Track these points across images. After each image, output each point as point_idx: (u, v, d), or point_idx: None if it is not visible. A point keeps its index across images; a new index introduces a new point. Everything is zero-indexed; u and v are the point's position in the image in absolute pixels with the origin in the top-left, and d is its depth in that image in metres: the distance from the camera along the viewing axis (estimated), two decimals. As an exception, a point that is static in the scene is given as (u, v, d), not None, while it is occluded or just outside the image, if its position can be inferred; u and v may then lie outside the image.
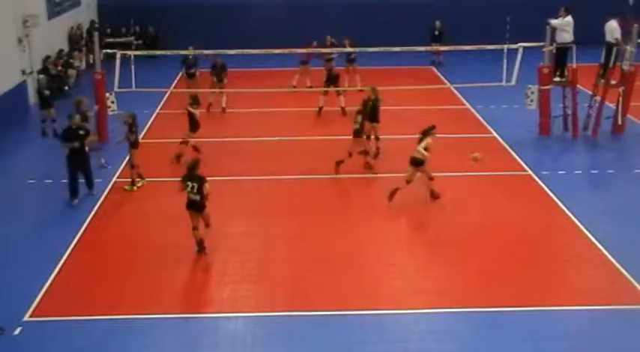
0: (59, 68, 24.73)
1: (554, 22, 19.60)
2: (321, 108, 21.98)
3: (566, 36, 19.65)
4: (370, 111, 17.99)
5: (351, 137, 17.25)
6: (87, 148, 15.72)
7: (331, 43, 24.44)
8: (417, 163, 15.40)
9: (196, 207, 13.01)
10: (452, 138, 19.87)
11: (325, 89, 22.13)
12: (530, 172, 17.30)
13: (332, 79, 22.09)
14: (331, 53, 23.50)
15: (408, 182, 15.45)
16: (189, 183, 12.96)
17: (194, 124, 17.94)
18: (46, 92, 20.37)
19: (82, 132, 15.60)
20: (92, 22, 30.90)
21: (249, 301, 11.83)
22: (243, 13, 31.35)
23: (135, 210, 15.45)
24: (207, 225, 13.27)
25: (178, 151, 17.88)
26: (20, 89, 22.66)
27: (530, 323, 11.13)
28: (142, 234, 14.08)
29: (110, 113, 19.66)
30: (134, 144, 16.46)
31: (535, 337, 10.76)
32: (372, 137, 18.13)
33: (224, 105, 22.56)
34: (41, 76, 21.51)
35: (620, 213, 15.07)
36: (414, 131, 17.49)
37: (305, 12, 30.98)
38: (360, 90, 21.22)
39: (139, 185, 16.49)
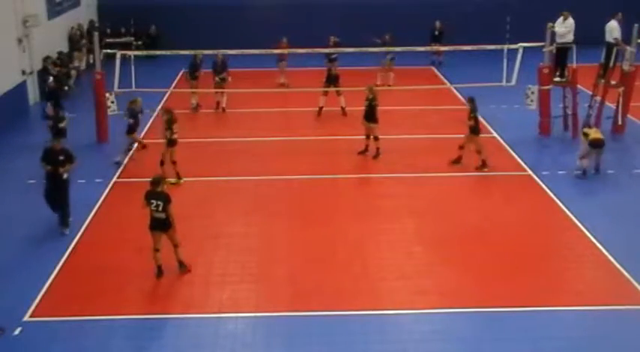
0: (59, 68, 24.70)
1: (558, 29, 19.56)
2: (321, 109, 21.96)
3: (566, 36, 19.64)
4: (367, 112, 18.05)
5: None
6: (65, 176, 14.25)
7: (335, 42, 24.41)
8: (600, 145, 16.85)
9: (162, 225, 12.23)
10: (452, 138, 19.87)
11: (325, 89, 22.13)
12: (530, 172, 17.30)
13: (332, 79, 22.10)
14: (333, 53, 23.52)
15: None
16: (153, 200, 12.18)
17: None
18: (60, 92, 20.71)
19: (62, 157, 14.15)
20: (92, 22, 30.88)
21: (249, 301, 11.83)
22: (243, 13, 31.33)
23: (135, 210, 15.35)
24: (175, 246, 12.45)
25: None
26: (20, 89, 22.64)
27: (530, 323, 11.13)
28: (142, 234, 14.02)
29: (110, 113, 19.65)
30: (173, 142, 16.51)
31: (535, 337, 10.76)
32: (371, 137, 18.15)
33: (224, 105, 22.62)
34: (50, 79, 21.55)
35: (620, 213, 15.07)
36: (414, 131, 17.59)
37: (305, 12, 30.95)
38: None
39: (180, 181, 16.64)
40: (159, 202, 12.14)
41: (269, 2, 31.75)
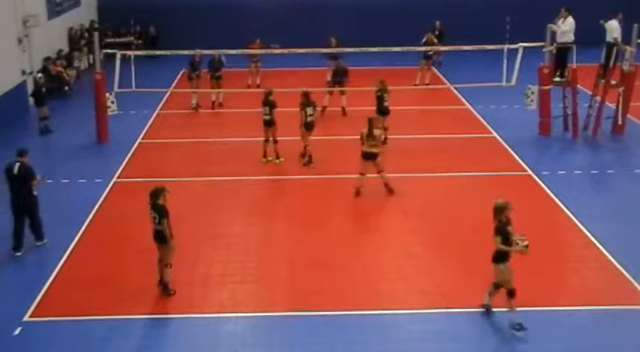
0: (59, 69, 24.72)
1: (558, 28, 19.54)
2: (324, 108, 21.90)
3: (567, 36, 19.64)
4: (377, 104, 18.39)
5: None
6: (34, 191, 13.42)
7: (336, 43, 24.40)
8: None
9: (158, 238, 11.87)
10: (452, 138, 19.90)
11: (330, 89, 22.13)
12: (530, 172, 17.30)
13: (341, 73, 22.03)
14: (337, 53, 23.54)
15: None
16: (151, 211, 11.85)
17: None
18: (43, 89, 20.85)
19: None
20: (92, 22, 30.90)
21: (250, 301, 11.83)
22: (244, 13, 31.34)
23: (135, 210, 15.38)
24: (165, 265, 11.88)
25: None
26: (20, 89, 22.64)
27: (530, 323, 11.10)
28: (142, 234, 14.01)
29: (110, 113, 19.65)
30: (272, 123, 17.80)
31: (536, 337, 10.75)
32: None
33: (220, 100, 22.97)
34: (39, 75, 21.68)
35: (620, 213, 15.07)
36: (414, 131, 17.60)
37: (305, 12, 30.99)
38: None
39: (282, 159, 17.86)
40: (155, 214, 11.86)
41: (269, 2, 31.75)
